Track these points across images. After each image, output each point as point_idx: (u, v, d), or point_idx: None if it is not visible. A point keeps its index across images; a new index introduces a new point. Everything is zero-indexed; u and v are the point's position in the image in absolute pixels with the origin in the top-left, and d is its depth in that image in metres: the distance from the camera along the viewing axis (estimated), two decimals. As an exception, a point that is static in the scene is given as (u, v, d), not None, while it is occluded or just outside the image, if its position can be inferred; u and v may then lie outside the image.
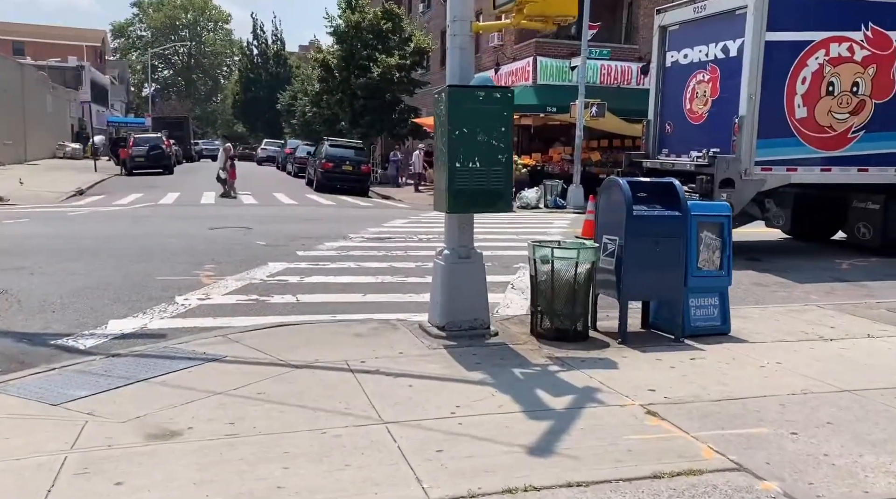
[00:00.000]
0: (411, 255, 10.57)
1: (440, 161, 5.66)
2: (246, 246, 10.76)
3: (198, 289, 7.77)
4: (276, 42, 72.69)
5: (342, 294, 7.87)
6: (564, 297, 5.84)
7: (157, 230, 12.24)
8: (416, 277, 8.86)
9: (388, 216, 16.63)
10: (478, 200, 5.56)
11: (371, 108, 30.83)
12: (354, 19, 30.54)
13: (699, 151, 11.27)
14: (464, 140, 5.45)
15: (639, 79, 26.26)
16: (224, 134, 32.18)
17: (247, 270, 8.84)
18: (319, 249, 10.80)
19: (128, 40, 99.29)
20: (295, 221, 14.56)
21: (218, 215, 15.26)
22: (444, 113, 5.46)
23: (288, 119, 54.77)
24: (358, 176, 26.06)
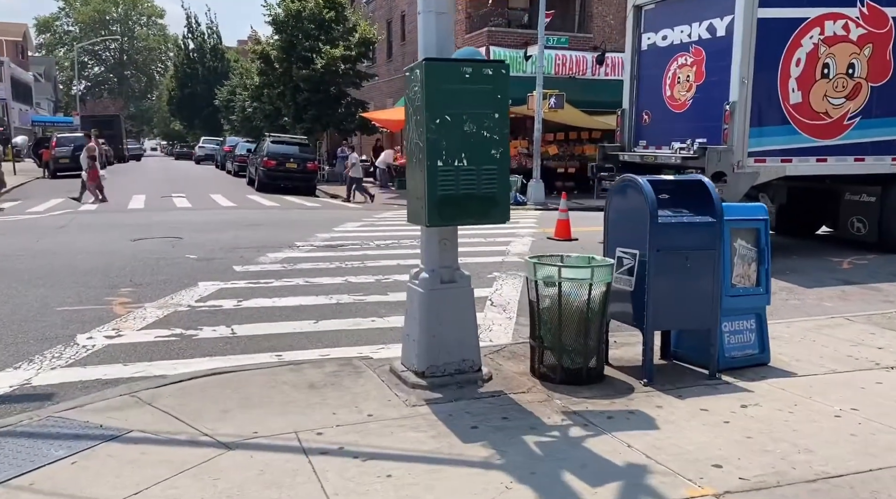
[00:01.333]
0: (369, 266, 9.20)
1: (414, 159, 4.34)
2: (173, 261, 9.21)
3: (108, 322, 6.25)
4: (213, 36, 69.68)
5: (289, 321, 6.47)
6: (575, 328, 4.60)
7: (68, 244, 10.53)
8: (376, 295, 7.53)
9: (338, 219, 15.18)
10: (466, 208, 4.25)
11: (315, 102, 29.12)
12: (294, 8, 28.74)
13: (682, 142, 10.24)
14: (447, 131, 4.14)
15: (594, 69, 25.39)
16: (92, 129, 29.40)
17: (172, 294, 7.33)
18: (261, 262, 9.33)
19: (54, 35, 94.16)
20: (233, 228, 12.98)
21: (145, 223, 13.55)
22: (421, 96, 4.15)
23: (227, 115, 52.31)
24: (303, 174, 24.41)
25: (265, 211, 17.02)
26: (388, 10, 34.57)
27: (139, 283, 7.86)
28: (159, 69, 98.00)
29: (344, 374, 4.80)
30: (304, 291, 7.68)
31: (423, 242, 4.74)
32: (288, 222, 14.11)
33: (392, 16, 34.14)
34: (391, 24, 34.10)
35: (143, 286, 7.71)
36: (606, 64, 25.35)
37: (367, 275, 8.59)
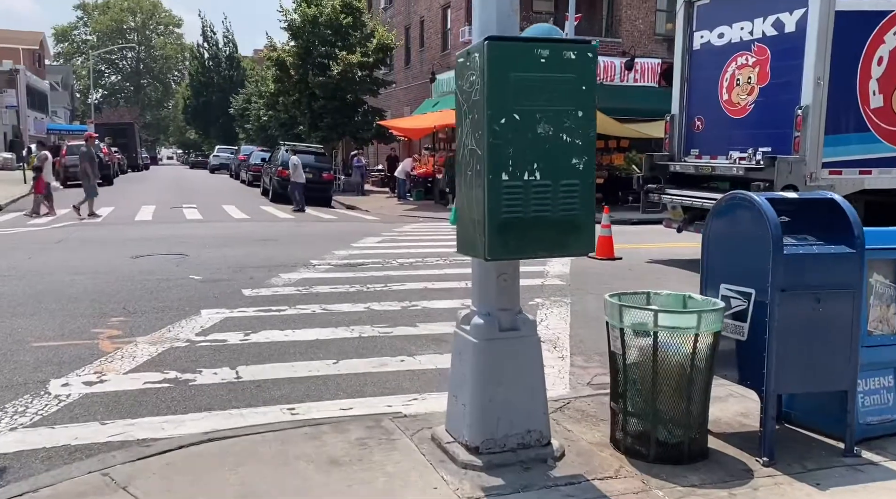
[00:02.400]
0: (393, 290, 8.18)
1: (469, 172, 3.31)
2: (175, 284, 8.23)
3: (90, 363, 5.27)
4: (228, 44, 69.36)
5: (305, 361, 5.46)
6: (674, 390, 3.55)
7: (61, 263, 9.60)
8: (404, 327, 6.51)
9: (356, 232, 14.19)
10: (538, 236, 3.21)
11: (331, 110, 28.28)
12: (311, 13, 27.97)
13: (742, 151, 9.18)
14: (515, 134, 3.11)
15: (623, 75, 24.33)
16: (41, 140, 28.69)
17: (169, 325, 6.34)
18: (273, 284, 8.33)
19: (72, 45, 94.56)
20: (245, 243, 12.02)
21: (150, 237, 12.62)
22: (480, 87, 3.12)
23: (242, 124, 51.77)
24: (319, 184, 23.46)
25: (279, 224, 16.07)
26: (407, 15, 33.74)
27: (133, 310, 6.88)
28: (175, 78, 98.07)
29: (373, 443, 3.77)
30: (321, 321, 6.67)
31: (475, 276, 3.71)
32: (303, 237, 13.14)
33: (410, 21, 33.30)
34: (409, 30, 33.27)
35: (137, 315, 6.72)
36: (635, 70, 24.32)
37: (392, 301, 7.57)
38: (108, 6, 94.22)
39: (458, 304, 7.48)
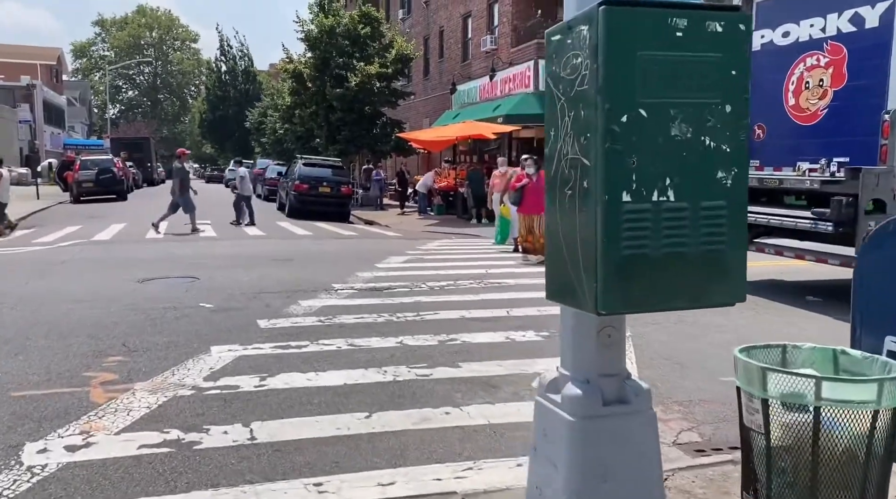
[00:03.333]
0: (427, 319, 7.27)
1: (567, 190, 2.39)
2: (183, 313, 7.37)
3: (76, 419, 4.40)
4: (244, 58, 69.24)
5: (331, 414, 4.57)
6: (840, 485, 2.61)
7: (60, 288, 8.78)
8: (445, 367, 5.59)
9: (379, 251, 13.31)
10: (671, 280, 2.29)
11: (349, 122, 27.55)
12: (328, 24, 27.33)
13: (813, 161, 8.21)
14: (640, 137, 2.21)
15: (651, 84, 23.34)
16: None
17: (174, 367, 5.47)
18: (292, 313, 7.45)
19: (90, 60, 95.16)
20: (261, 263, 11.18)
21: (160, 257, 11.82)
22: (592, 72, 2.21)
23: (258, 138, 51.31)
24: (337, 199, 22.70)
25: (296, 242, 15.24)
26: (426, 25, 33.06)
27: (134, 347, 6.02)
28: (192, 93, 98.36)
29: (429, 547, 2.84)
30: (348, 359, 5.77)
31: (566, 329, 2.79)
32: (322, 257, 12.28)
33: (430, 32, 32.62)
34: (428, 41, 32.58)
35: (137, 353, 5.86)
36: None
37: (426, 333, 6.65)
38: (125, 22, 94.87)
39: (501, 337, 6.57)
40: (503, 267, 11.04)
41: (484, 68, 26.27)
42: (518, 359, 5.88)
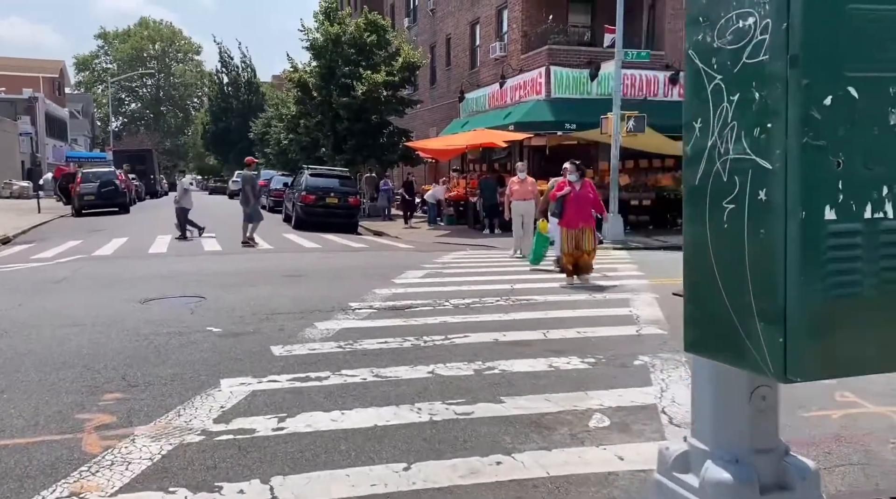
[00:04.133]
0: (457, 343, 6.59)
1: (726, 204, 1.72)
2: (189, 339, 6.70)
3: (66, 475, 3.73)
4: (247, 69, 68.93)
5: (362, 465, 3.90)
6: None
7: (58, 310, 8.13)
8: (487, 404, 4.93)
9: (394, 265, 12.65)
10: (884, 333, 1.61)
11: (356, 132, 26.97)
12: (334, 32, 26.80)
13: None
14: (848, 127, 1.54)
15: (666, 89, 22.84)
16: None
17: (180, 406, 4.80)
18: (308, 338, 6.78)
19: (93, 73, 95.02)
20: (270, 280, 10.53)
21: (164, 274, 11.17)
22: (773, 34, 1.54)
23: (262, 148, 50.81)
24: (345, 210, 22.08)
25: (306, 255, 14.59)
26: (432, 33, 32.54)
27: (135, 381, 5.35)
28: (195, 105, 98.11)
29: None
30: (375, 394, 5.09)
31: (703, 389, 2.12)
32: (335, 272, 11.62)
33: (436, 40, 32.09)
34: (435, 49, 32.05)
35: (139, 388, 5.19)
36: (680, 84, 22.76)
37: (460, 361, 5.98)
38: (128, 35, 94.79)
39: (543, 365, 5.89)
40: (528, 282, 10.37)
41: (493, 75, 25.70)
42: (567, 391, 5.21)
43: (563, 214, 9.95)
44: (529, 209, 13.30)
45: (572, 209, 9.85)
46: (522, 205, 13.42)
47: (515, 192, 13.55)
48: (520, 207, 13.50)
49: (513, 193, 13.63)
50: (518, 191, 13.50)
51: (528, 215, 13.35)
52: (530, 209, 13.28)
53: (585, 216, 9.96)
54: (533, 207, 13.15)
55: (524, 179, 13.66)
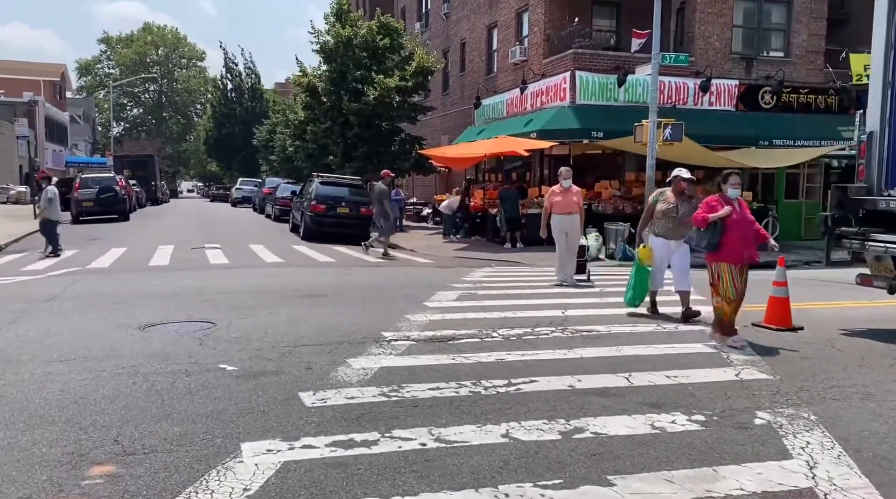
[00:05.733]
0: (525, 392, 5.39)
1: None
2: (198, 382, 5.52)
3: None
4: (251, 75, 67.98)
5: None
6: None
7: (42, 338, 6.94)
8: (591, 487, 3.75)
9: (419, 284, 11.49)
10: None
11: (366, 139, 25.87)
12: (345, 34, 25.73)
13: None
14: None
15: (696, 97, 21.73)
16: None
17: (190, 489, 3.61)
18: (343, 381, 5.59)
19: (94, 78, 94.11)
20: (287, 301, 9.35)
21: (165, 292, 10.00)
22: None
23: (266, 155, 49.73)
24: (357, 220, 20.91)
25: (321, 270, 13.41)
26: (445, 38, 31.50)
27: (131, 446, 4.16)
28: (198, 111, 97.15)
29: None
30: (442, 470, 3.91)
31: None
32: (357, 292, 10.43)
33: (450, 45, 31.04)
34: (448, 54, 30.98)
35: (136, 457, 4.00)
36: (711, 92, 21.70)
37: (537, 417, 4.80)
38: (131, 40, 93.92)
39: (643, 424, 4.71)
40: (580, 308, 9.18)
41: (511, 81, 24.60)
42: (689, 467, 4.03)
43: (720, 243, 6.96)
44: (575, 225, 11.45)
45: (735, 237, 6.94)
46: (567, 220, 11.37)
47: (557, 204, 11.39)
48: (564, 223, 11.38)
49: (554, 205, 11.44)
50: (561, 203, 11.38)
51: (574, 232, 11.52)
52: (576, 225, 11.47)
53: (750, 247, 7.10)
54: (578, 221, 11.49)
55: (568, 189, 11.48)
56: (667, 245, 8.47)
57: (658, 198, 8.64)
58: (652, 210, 8.65)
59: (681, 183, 8.42)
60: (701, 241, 7.04)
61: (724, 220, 6.88)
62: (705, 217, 6.94)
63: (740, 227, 6.95)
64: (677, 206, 8.36)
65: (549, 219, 11.49)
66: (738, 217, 6.96)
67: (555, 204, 11.44)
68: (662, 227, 8.46)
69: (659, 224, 8.49)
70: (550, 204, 11.53)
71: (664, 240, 8.48)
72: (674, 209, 8.35)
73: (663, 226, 8.45)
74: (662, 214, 8.44)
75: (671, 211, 8.38)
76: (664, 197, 8.55)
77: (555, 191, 11.64)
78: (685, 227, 8.03)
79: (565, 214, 11.37)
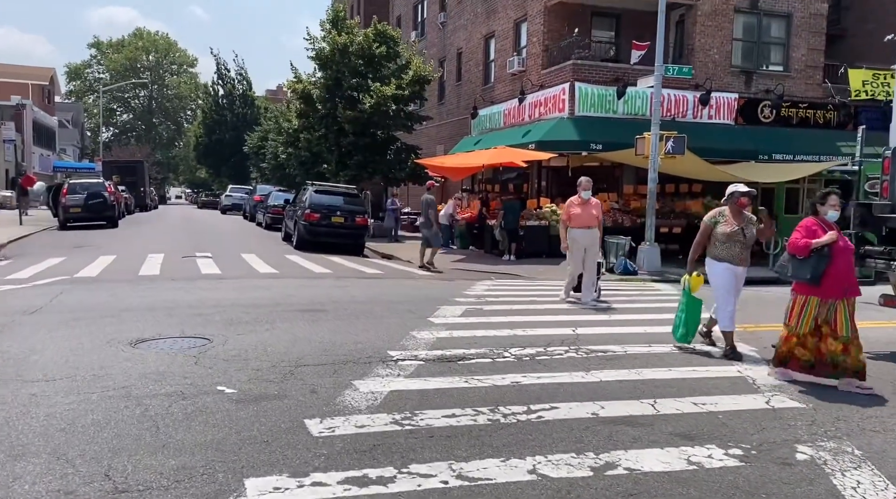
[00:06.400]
0: (547, 420, 5.04)
1: None
2: (195, 406, 5.12)
3: None
4: (243, 82, 67.54)
5: None
6: None
7: (24, 356, 6.51)
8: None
9: (421, 297, 11.12)
10: None
11: (361, 147, 25.52)
12: (342, 41, 25.42)
13: None
14: None
15: (696, 110, 21.58)
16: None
17: (191, 537, 3.24)
18: (351, 406, 5.22)
19: (84, 82, 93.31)
20: (286, 317, 8.95)
21: (157, 305, 9.58)
22: None
23: (257, 162, 49.27)
24: (352, 230, 20.53)
25: (317, 282, 13.02)
26: (442, 47, 31.27)
27: (124, 484, 3.76)
28: (188, 117, 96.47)
29: None
30: (471, 512, 3.55)
31: None
32: (358, 306, 10.05)
33: (446, 54, 30.81)
34: (444, 63, 30.74)
35: (129, 494, 3.62)
36: (710, 105, 21.57)
37: (564, 450, 4.45)
38: (122, 45, 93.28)
39: (678, 459, 4.38)
40: (590, 325, 8.85)
41: (509, 91, 24.37)
42: (736, 509, 3.70)
43: (822, 274, 6.02)
44: (595, 240, 10.68)
45: (838, 268, 6.07)
46: (586, 235, 10.56)
47: (576, 217, 10.57)
48: (584, 238, 10.56)
49: (572, 218, 10.61)
50: (580, 216, 10.54)
51: (593, 248, 10.66)
52: (595, 240, 10.71)
53: (851, 279, 6.22)
54: (598, 236, 10.74)
55: (588, 201, 10.64)
56: (733, 272, 7.30)
57: (718, 219, 7.44)
58: (709, 233, 7.45)
59: (741, 199, 7.33)
60: (802, 272, 6.04)
61: (829, 246, 6.01)
62: (808, 243, 6.01)
63: (845, 256, 6.09)
64: (743, 228, 7.29)
65: (566, 232, 10.76)
66: (844, 245, 6.11)
67: (573, 217, 10.65)
68: (727, 251, 7.28)
69: (722, 248, 7.31)
70: (568, 216, 10.72)
71: (729, 266, 7.28)
72: (740, 232, 7.25)
73: (728, 250, 7.28)
74: (727, 237, 7.27)
75: (737, 234, 7.25)
76: (725, 218, 7.39)
77: (573, 203, 10.78)
78: (748, 250, 7.36)
79: (584, 227, 10.60)
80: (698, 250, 7.60)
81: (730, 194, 7.41)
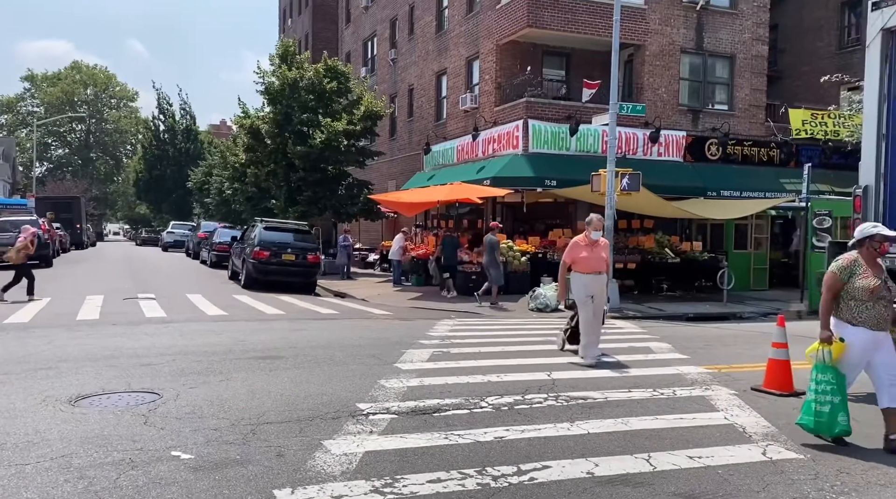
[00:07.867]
0: (539, 481, 4.64)
1: None
2: (147, 476, 4.53)
3: None
4: (186, 116, 66.22)
5: None
6: None
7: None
8: None
9: (383, 340, 10.63)
10: None
11: (311, 182, 25.02)
12: (291, 76, 25.04)
13: None
14: None
15: (646, 148, 21.92)
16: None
17: None
18: (324, 473, 4.70)
19: (16, 116, 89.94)
20: (240, 364, 8.34)
21: (97, 354, 8.83)
22: None
23: (200, 198, 48.02)
24: (303, 268, 19.89)
25: (270, 325, 12.37)
26: (393, 83, 31.21)
27: (65, 585, 3.18)
28: (127, 152, 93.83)
29: None
30: None
31: None
32: (317, 350, 9.49)
33: (397, 90, 30.73)
34: (395, 100, 30.64)
35: None
36: (660, 143, 21.95)
37: (563, 515, 4.04)
38: (58, 78, 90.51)
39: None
40: (564, 369, 8.51)
41: (461, 128, 24.35)
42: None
43: None
44: (603, 286, 9.09)
45: None
46: (595, 281, 8.91)
47: (582, 261, 8.91)
48: (591, 285, 8.90)
49: (577, 261, 8.95)
50: (587, 260, 8.89)
51: (601, 296, 9.08)
52: (604, 286, 9.12)
53: None
54: (605, 282, 9.13)
55: (596, 242, 8.99)
56: (873, 338, 5.58)
57: (854, 270, 5.62)
58: (840, 288, 5.67)
59: (885, 245, 5.67)
60: None
61: None
62: None
63: None
64: (886, 280, 5.66)
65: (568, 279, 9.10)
66: None
67: (579, 260, 8.94)
68: (866, 312, 5.56)
69: (859, 308, 5.58)
70: (572, 260, 9.01)
71: (868, 331, 5.56)
72: (883, 285, 5.59)
73: (867, 311, 5.56)
74: (868, 293, 5.53)
75: (880, 288, 5.56)
76: (862, 269, 5.61)
77: (579, 243, 9.09)
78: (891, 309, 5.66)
79: (593, 273, 8.90)
80: (829, 309, 5.75)
81: (864, 238, 5.69)
